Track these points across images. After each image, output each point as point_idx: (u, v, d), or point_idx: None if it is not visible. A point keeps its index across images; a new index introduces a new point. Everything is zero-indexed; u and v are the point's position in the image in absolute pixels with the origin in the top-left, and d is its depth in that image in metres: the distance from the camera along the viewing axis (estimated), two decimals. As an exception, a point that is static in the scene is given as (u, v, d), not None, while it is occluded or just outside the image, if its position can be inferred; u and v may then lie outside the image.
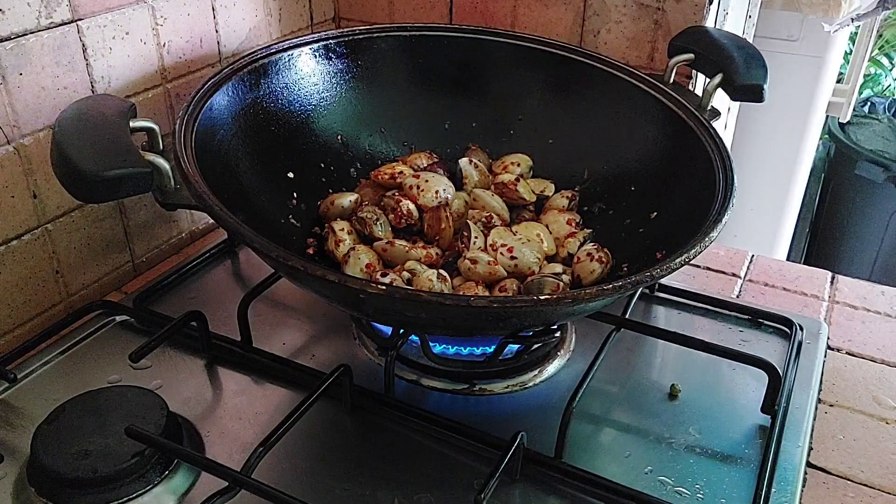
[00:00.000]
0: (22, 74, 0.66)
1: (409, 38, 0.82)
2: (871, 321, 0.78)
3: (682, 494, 0.57)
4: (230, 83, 0.68)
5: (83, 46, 0.70)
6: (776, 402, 0.63)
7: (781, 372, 0.64)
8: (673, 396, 0.66)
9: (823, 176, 2.12)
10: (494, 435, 0.59)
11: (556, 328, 0.68)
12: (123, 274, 0.81)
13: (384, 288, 0.50)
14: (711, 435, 0.62)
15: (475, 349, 0.67)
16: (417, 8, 0.97)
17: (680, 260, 0.53)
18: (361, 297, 0.52)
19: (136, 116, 0.59)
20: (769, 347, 0.72)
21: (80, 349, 0.69)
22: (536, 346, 0.68)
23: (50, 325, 0.70)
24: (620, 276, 0.67)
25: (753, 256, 0.88)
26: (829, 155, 2.12)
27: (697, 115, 0.70)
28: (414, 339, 0.65)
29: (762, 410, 0.64)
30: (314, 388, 0.60)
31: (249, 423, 0.62)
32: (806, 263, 1.07)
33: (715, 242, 0.58)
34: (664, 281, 0.77)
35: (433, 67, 0.83)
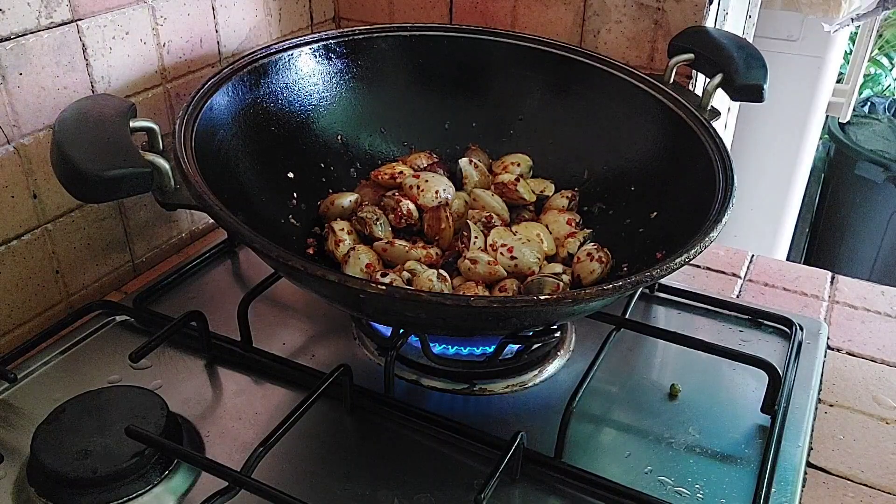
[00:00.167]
0: (22, 74, 0.66)
1: (409, 38, 0.82)
2: (871, 321, 0.78)
3: (682, 494, 0.57)
4: (230, 83, 0.69)
5: (83, 46, 0.70)
6: (776, 402, 0.63)
7: (781, 372, 0.64)
8: (673, 396, 0.66)
9: (823, 176, 2.12)
10: (494, 435, 0.59)
11: (556, 328, 0.68)
12: (123, 274, 0.81)
13: (384, 288, 0.50)
14: (711, 435, 0.62)
15: (475, 349, 0.67)
16: (417, 8, 0.97)
17: (680, 260, 0.53)
18: (361, 297, 0.52)
19: (136, 116, 0.59)
20: (769, 347, 0.72)
21: (80, 349, 0.69)
22: (536, 346, 0.68)
23: (50, 325, 0.70)
24: (620, 276, 0.67)
25: (753, 256, 0.88)
26: (829, 155, 2.12)
27: (697, 115, 0.70)
28: (414, 339, 0.65)
29: (762, 410, 0.64)
30: (314, 388, 0.60)
31: (249, 423, 0.62)
32: (806, 263, 1.07)
33: (715, 242, 0.58)
34: (664, 281, 0.77)
35: (433, 67, 0.83)
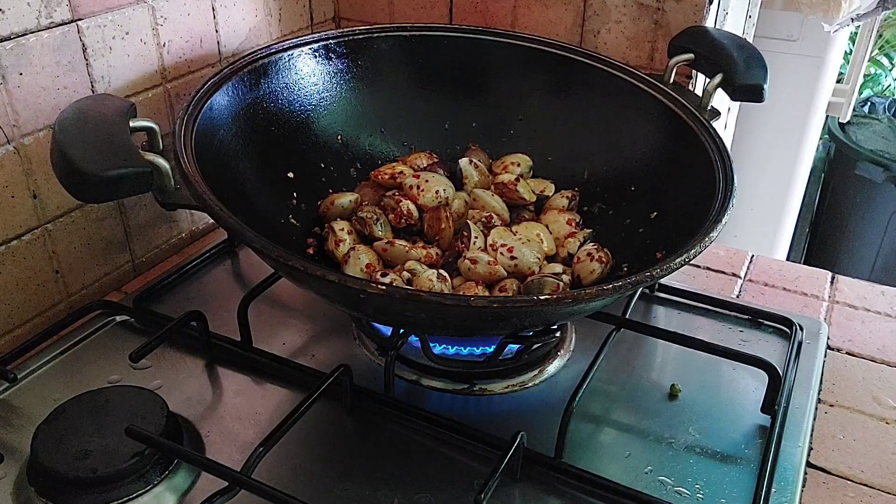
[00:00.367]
0: (22, 74, 0.66)
1: (409, 38, 0.82)
2: (871, 321, 0.78)
3: (682, 494, 0.57)
4: (230, 83, 0.69)
5: (83, 46, 0.70)
6: (776, 402, 0.63)
7: (781, 372, 0.64)
8: (673, 396, 0.66)
9: (823, 176, 2.12)
10: (494, 435, 0.59)
11: (556, 328, 0.68)
12: (123, 274, 0.81)
13: (384, 288, 0.50)
14: (711, 435, 0.62)
15: (475, 349, 0.67)
16: (417, 8, 0.97)
17: (680, 260, 0.53)
18: (361, 297, 0.52)
19: (136, 116, 0.59)
20: (769, 347, 0.72)
21: (80, 349, 0.69)
22: (536, 346, 0.68)
23: (50, 325, 0.70)
24: (620, 276, 0.67)
25: (753, 256, 0.88)
26: (829, 155, 2.12)
27: (697, 115, 0.70)
28: (414, 339, 0.65)
29: (762, 410, 0.64)
30: (314, 388, 0.60)
31: (249, 423, 0.62)
32: (806, 263, 1.07)
33: (715, 242, 0.58)
34: (664, 281, 0.77)
35: (433, 67, 0.83)
